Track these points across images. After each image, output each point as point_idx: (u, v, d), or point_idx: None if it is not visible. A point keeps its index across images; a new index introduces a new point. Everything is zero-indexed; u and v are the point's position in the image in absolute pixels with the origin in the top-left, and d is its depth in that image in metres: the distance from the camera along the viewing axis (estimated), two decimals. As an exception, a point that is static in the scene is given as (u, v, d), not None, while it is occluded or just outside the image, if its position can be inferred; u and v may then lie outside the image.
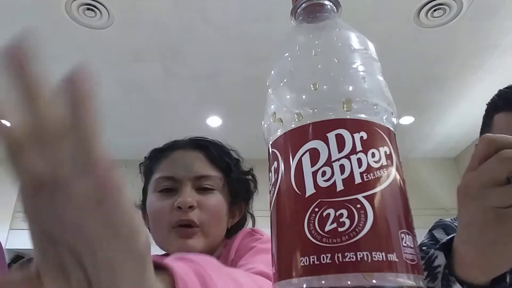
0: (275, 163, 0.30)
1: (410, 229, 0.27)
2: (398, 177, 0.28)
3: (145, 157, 0.88)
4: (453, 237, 0.48)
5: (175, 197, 0.76)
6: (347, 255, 0.24)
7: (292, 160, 0.29)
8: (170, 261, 0.37)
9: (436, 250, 0.50)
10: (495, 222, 0.39)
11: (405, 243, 0.26)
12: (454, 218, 0.90)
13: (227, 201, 0.81)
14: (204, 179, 0.78)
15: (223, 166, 0.82)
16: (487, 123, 0.91)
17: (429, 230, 0.88)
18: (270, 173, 0.31)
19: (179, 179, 0.77)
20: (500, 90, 0.91)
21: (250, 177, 0.88)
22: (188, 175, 0.77)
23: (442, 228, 0.86)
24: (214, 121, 4.33)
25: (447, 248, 0.48)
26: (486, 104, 0.93)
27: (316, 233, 0.25)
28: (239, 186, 0.83)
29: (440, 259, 0.48)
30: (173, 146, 0.85)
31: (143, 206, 0.84)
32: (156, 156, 0.85)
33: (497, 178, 0.38)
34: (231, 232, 0.84)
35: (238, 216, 0.86)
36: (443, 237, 0.83)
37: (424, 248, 0.82)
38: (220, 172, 0.81)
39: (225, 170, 0.82)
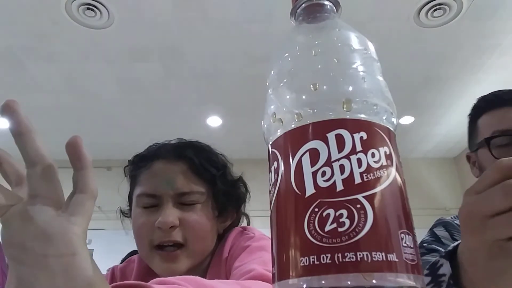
0: (275, 163, 0.30)
1: (410, 229, 0.27)
2: (398, 177, 0.28)
3: (128, 160, 0.84)
4: (458, 244, 0.47)
5: (157, 214, 0.72)
6: (347, 255, 0.24)
7: (292, 160, 0.29)
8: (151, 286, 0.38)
9: (441, 258, 0.49)
10: (500, 254, 0.37)
11: (405, 243, 0.26)
12: (454, 216, 0.90)
13: (213, 214, 0.77)
14: (187, 195, 0.74)
15: (207, 178, 0.77)
16: (473, 130, 0.93)
17: (430, 229, 0.88)
18: (270, 173, 0.31)
19: (161, 195, 0.74)
20: (479, 97, 0.94)
21: (240, 184, 0.84)
22: (169, 192, 0.73)
23: (443, 226, 0.86)
24: (214, 121, 4.33)
25: (453, 255, 0.47)
26: (468, 115, 0.96)
27: (316, 233, 0.25)
28: (225, 198, 0.79)
29: (445, 268, 0.47)
30: (155, 155, 0.80)
31: (130, 213, 0.80)
32: (138, 165, 0.81)
33: (499, 210, 0.36)
34: (223, 232, 0.81)
35: (230, 219, 0.82)
36: (444, 235, 0.84)
37: (425, 244, 0.82)
38: (204, 184, 0.77)
39: (209, 182, 0.77)
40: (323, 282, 0.24)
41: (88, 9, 2.78)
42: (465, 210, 0.40)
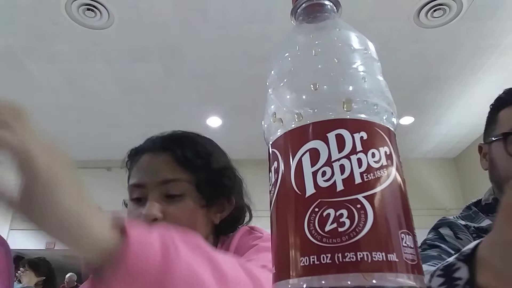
0: (275, 163, 0.30)
1: (410, 229, 0.27)
2: (398, 177, 0.28)
3: (127, 153, 0.87)
4: (475, 247, 0.45)
5: (143, 207, 0.75)
6: (347, 255, 0.24)
7: (292, 160, 0.29)
8: (139, 229, 0.40)
9: (459, 261, 0.47)
10: None
11: (405, 243, 0.26)
12: (457, 216, 0.90)
13: (199, 204, 0.77)
14: (171, 183, 0.76)
15: (191, 168, 0.78)
16: (492, 120, 0.89)
17: (434, 228, 0.87)
18: (270, 173, 0.31)
19: (146, 185, 0.76)
20: (506, 89, 0.89)
21: (227, 172, 0.83)
22: (154, 181, 0.76)
23: (447, 226, 0.85)
24: (214, 121, 4.33)
25: (469, 259, 0.46)
26: (491, 105, 0.91)
27: (316, 233, 0.25)
28: (210, 187, 0.79)
29: (463, 272, 0.46)
30: (144, 149, 0.83)
31: None
32: (131, 159, 0.84)
33: None
34: (225, 226, 0.81)
35: (229, 209, 0.82)
36: (448, 233, 0.83)
37: (428, 241, 0.82)
38: (189, 174, 0.78)
39: (193, 172, 0.78)
40: (323, 282, 0.24)
41: (88, 9, 2.78)
42: (510, 201, 0.39)
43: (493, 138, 0.85)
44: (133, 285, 0.38)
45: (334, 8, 0.35)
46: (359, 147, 0.27)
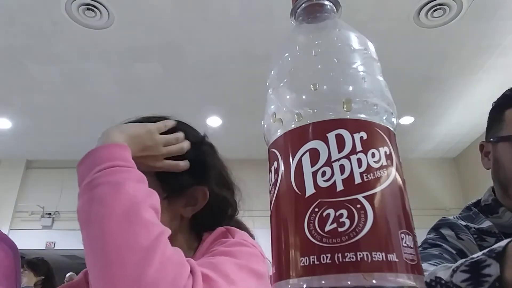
0: (275, 163, 0.30)
1: (410, 229, 0.27)
2: (398, 177, 0.28)
3: None
4: (506, 245, 0.45)
5: None
6: (347, 255, 0.24)
7: (292, 160, 0.29)
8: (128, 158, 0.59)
9: (490, 258, 0.47)
10: None
11: (405, 243, 0.26)
12: (457, 217, 0.89)
13: (162, 195, 0.66)
14: None
15: None
16: (497, 119, 0.86)
17: (434, 229, 0.86)
18: (270, 173, 0.31)
19: None
20: (510, 88, 0.87)
21: (187, 156, 0.73)
22: None
23: (448, 226, 0.84)
24: (214, 121, 4.32)
25: (502, 257, 0.46)
26: (494, 102, 0.89)
27: (316, 233, 0.25)
28: (167, 175, 0.71)
29: (493, 269, 0.46)
30: None
31: None
32: None
33: None
34: (205, 220, 0.74)
35: (203, 199, 0.72)
36: (450, 233, 0.82)
37: (429, 240, 0.81)
38: None
39: None
40: (323, 282, 0.24)
41: (88, 9, 2.78)
42: None
43: (499, 138, 0.82)
44: (89, 163, 0.56)
45: (334, 8, 0.35)
46: (359, 147, 0.27)
